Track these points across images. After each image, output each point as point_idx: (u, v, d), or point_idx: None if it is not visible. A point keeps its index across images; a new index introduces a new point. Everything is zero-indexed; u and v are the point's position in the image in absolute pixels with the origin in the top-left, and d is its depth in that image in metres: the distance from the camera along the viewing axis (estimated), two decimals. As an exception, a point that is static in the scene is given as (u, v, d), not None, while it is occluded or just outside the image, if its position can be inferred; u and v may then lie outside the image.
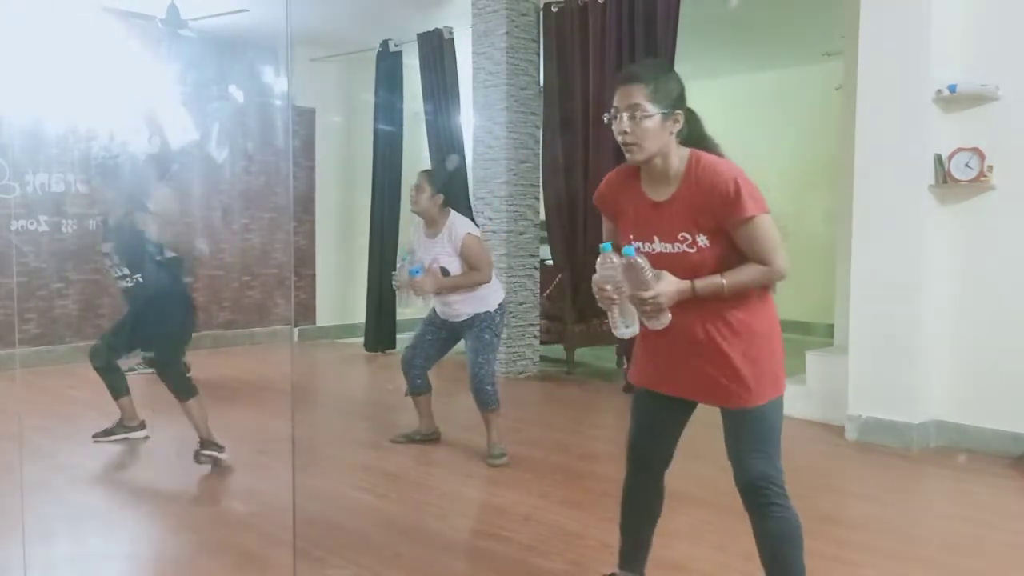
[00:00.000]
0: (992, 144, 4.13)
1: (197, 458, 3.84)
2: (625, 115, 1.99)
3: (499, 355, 6.21)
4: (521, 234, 6.30)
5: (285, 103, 7.86)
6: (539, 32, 6.33)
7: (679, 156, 2.05)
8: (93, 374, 4.14)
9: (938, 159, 4.23)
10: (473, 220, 6.44)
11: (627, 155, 2.04)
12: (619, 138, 2.02)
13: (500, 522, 3.26)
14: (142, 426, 4.31)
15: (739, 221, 1.96)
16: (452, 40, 6.90)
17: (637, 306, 1.99)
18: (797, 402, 4.91)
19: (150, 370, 5.87)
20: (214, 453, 3.85)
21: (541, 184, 6.39)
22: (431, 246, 4.00)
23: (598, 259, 2.00)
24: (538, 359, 6.40)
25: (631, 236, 2.11)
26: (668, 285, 1.96)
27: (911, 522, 3.32)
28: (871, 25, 4.36)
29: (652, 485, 2.34)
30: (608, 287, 1.98)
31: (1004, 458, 4.06)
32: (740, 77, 8.74)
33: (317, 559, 2.84)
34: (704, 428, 2.46)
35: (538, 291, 6.41)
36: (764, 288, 2.08)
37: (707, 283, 1.98)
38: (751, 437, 2.10)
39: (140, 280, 3.91)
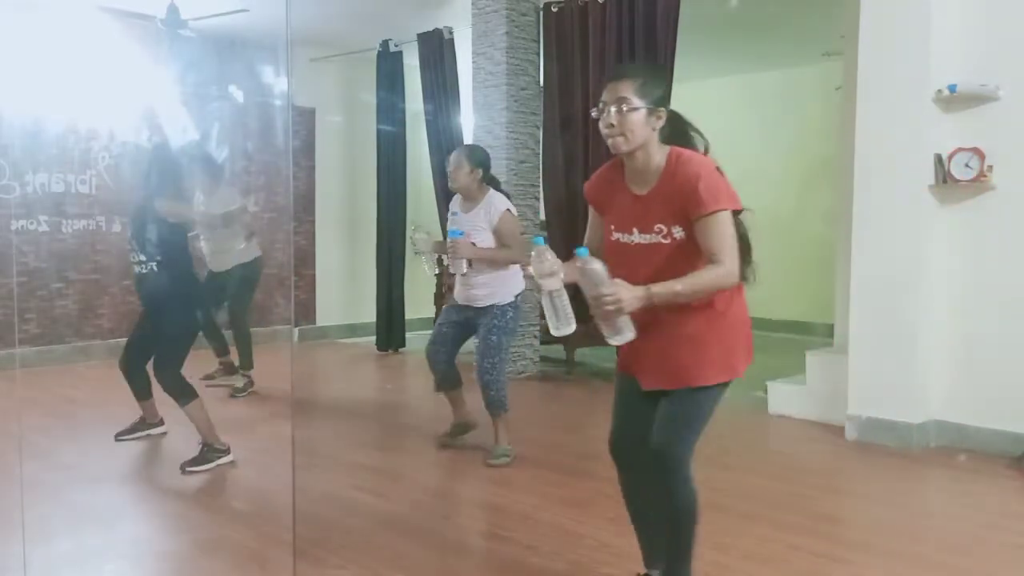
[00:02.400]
0: (992, 144, 4.13)
1: (193, 463, 3.81)
2: (612, 108, 2.12)
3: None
4: (521, 233, 6.28)
5: (285, 103, 7.86)
6: (539, 32, 6.33)
7: (660, 152, 2.17)
8: (93, 374, 4.15)
9: (938, 159, 4.23)
10: None
11: (612, 146, 2.16)
12: (605, 131, 2.14)
13: (500, 522, 3.26)
14: (161, 422, 4.36)
15: (697, 214, 2.08)
16: (452, 40, 6.90)
17: (596, 307, 2.02)
18: (797, 402, 4.91)
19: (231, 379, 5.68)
20: (216, 463, 3.84)
21: (541, 184, 6.39)
22: (464, 222, 3.98)
23: (532, 253, 2.07)
24: (538, 359, 6.41)
25: (612, 227, 2.24)
26: (626, 289, 2.01)
27: (911, 522, 3.32)
28: (871, 25, 4.36)
29: (642, 481, 2.37)
30: (544, 282, 2.08)
31: (1004, 458, 4.06)
32: (740, 77, 8.74)
33: (317, 559, 2.84)
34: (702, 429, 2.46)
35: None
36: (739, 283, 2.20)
37: (663, 289, 2.04)
38: (681, 414, 2.21)
39: (154, 269, 3.87)
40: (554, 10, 6.15)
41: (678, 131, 2.24)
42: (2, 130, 6.16)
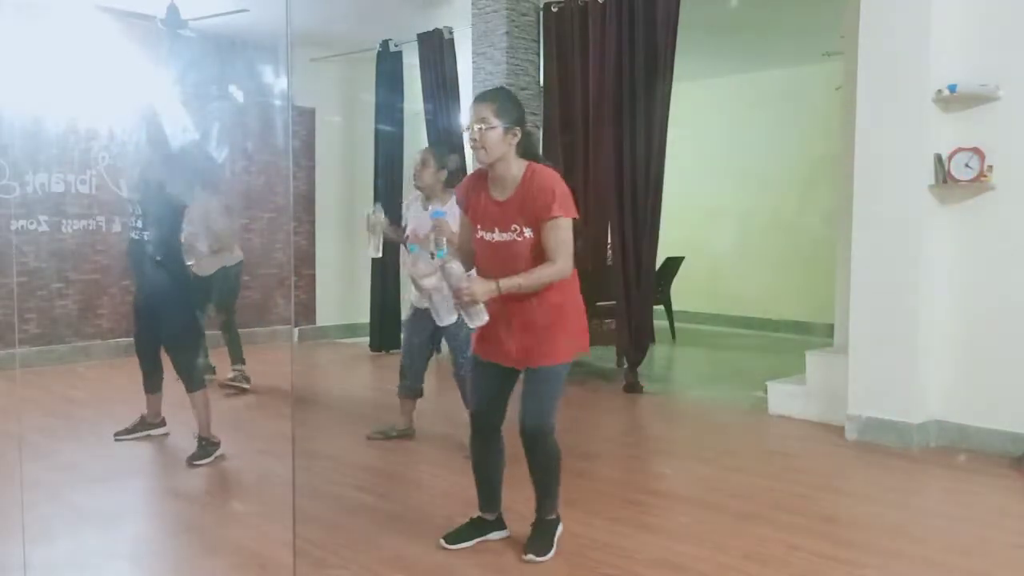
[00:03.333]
0: (992, 144, 4.13)
1: (195, 457, 3.85)
2: (476, 126, 2.59)
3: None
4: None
5: (285, 103, 7.86)
6: (539, 32, 6.33)
7: (518, 165, 2.64)
8: (93, 373, 4.16)
9: (938, 159, 4.23)
10: None
11: (476, 157, 2.63)
12: (470, 145, 2.61)
13: (500, 522, 3.25)
14: (162, 423, 4.33)
15: (545, 218, 2.57)
16: (452, 40, 6.90)
17: (457, 298, 2.55)
18: (797, 402, 4.91)
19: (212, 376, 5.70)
20: (209, 458, 3.89)
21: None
22: (427, 219, 3.93)
23: (408, 259, 2.65)
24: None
25: (478, 226, 2.69)
26: (479, 284, 2.54)
27: (911, 522, 3.32)
28: (871, 25, 4.36)
29: (495, 441, 2.93)
30: (424, 282, 2.79)
31: (1004, 458, 4.06)
32: (740, 77, 8.74)
33: (317, 559, 2.84)
34: (702, 430, 2.46)
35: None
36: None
37: (509, 282, 2.56)
38: (544, 391, 2.73)
39: (147, 237, 3.89)
40: (554, 10, 6.15)
41: (532, 149, 2.70)
42: (2, 130, 6.15)
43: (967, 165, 4.16)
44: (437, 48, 6.96)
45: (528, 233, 2.60)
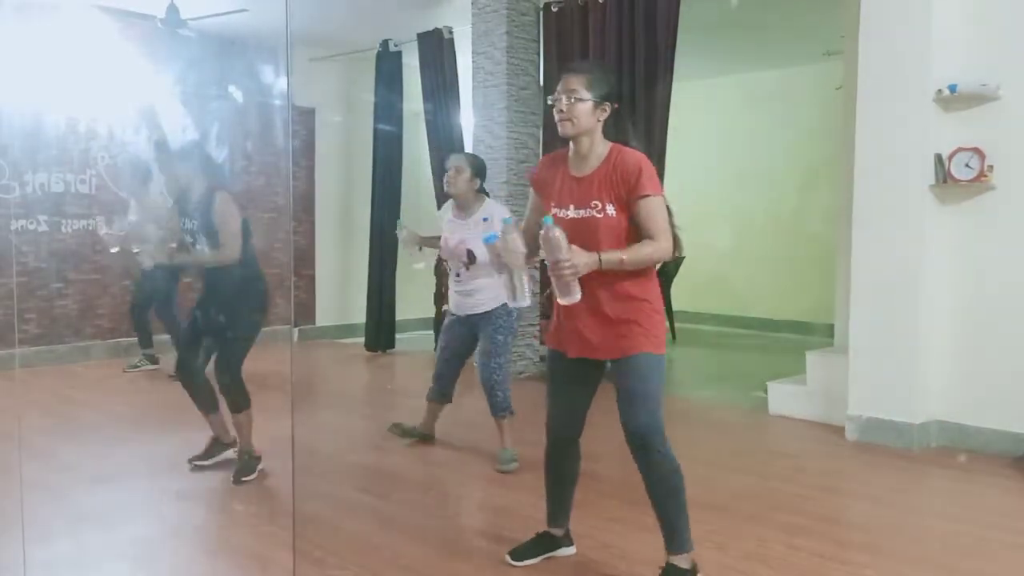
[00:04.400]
0: (992, 144, 4.13)
1: (241, 473, 3.70)
2: (564, 97, 2.47)
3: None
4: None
5: (285, 103, 7.86)
6: (539, 32, 6.33)
7: (603, 144, 2.52)
8: (93, 374, 4.14)
9: (938, 159, 4.23)
10: None
11: (560, 129, 2.49)
12: (556, 116, 2.49)
13: (500, 522, 3.26)
14: (234, 442, 3.92)
15: (638, 195, 2.41)
16: (452, 40, 6.90)
17: (553, 272, 2.34)
18: (797, 402, 4.91)
19: (153, 366, 6.05)
20: (258, 468, 3.77)
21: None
22: (460, 228, 3.94)
23: (501, 231, 2.40)
24: (538, 359, 6.40)
25: (552, 203, 2.55)
26: (580, 255, 2.33)
27: (911, 522, 3.32)
28: (871, 25, 4.36)
29: (572, 452, 2.77)
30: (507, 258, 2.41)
31: (1004, 458, 4.06)
32: (740, 77, 8.74)
33: (317, 559, 2.84)
34: (702, 431, 2.46)
35: (538, 291, 6.41)
36: (652, 267, 2.51)
37: (610, 256, 2.37)
38: (640, 388, 2.48)
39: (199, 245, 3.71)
40: (554, 10, 6.14)
41: (620, 128, 2.55)
42: (2, 130, 6.15)
43: (967, 165, 4.16)
44: (437, 48, 6.96)
45: (611, 210, 2.43)
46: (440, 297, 7.41)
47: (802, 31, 6.93)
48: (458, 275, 3.98)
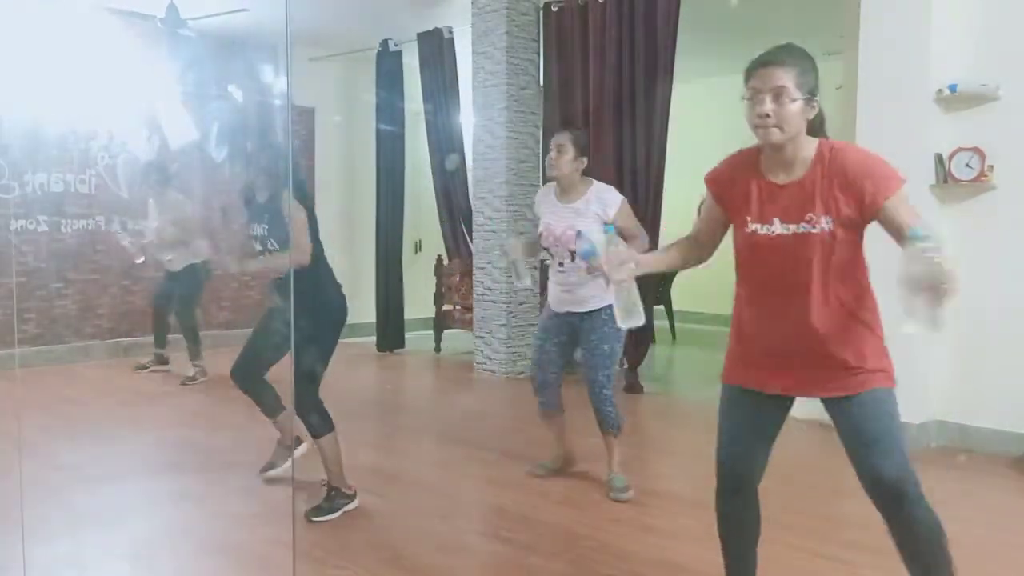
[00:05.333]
0: (992, 144, 4.13)
1: (318, 512, 3.24)
2: (768, 96, 1.99)
3: (501, 355, 6.23)
4: (521, 234, 6.29)
5: (284, 102, 7.85)
6: (539, 31, 6.33)
7: (809, 143, 2.05)
8: (92, 373, 4.12)
9: (938, 159, 4.23)
10: (468, 220, 6.44)
11: (762, 136, 2.02)
12: (756, 121, 2.01)
13: (500, 522, 3.26)
14: (299, 441, 3.72)
15: (886, 195, 1.95)
16: (452, 39, 6.90)
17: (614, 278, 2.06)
18: (798, 402, 4.90)
19: (164, 367, 6.01)
20: (343, 510, 3.27)
21: (541, 184, 6.39)
22: (565, 214, 3.52)
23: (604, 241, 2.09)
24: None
25: (748, 218, 2.08)
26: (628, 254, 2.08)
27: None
28: (871, 25, 4.36)
29: (749, 502, 2.27)
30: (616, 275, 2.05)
31: (1004, 458, 4.06)
32: (740, 77, 8.72)
33: (317, 559, 2.83)
34: (702, 431, 2.46)
35: (538, 291, 6.41)
36: (866, 277, 2.10)
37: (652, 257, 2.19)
38: (880, 427, 2.09)
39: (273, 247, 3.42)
40: (554, 9, 6.14)
41: (821, 121, 2.14)
42: (2, 130, 6.15)
43: (968, 165, 4.16)
44: (437, 47, 6.96)
45: (827, 224, 1.98)
46: (439, 297, 7.41)
47: (802, 31, 6.90)
48: (561, 264, 3.54)
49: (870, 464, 2.03)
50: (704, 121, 8.84)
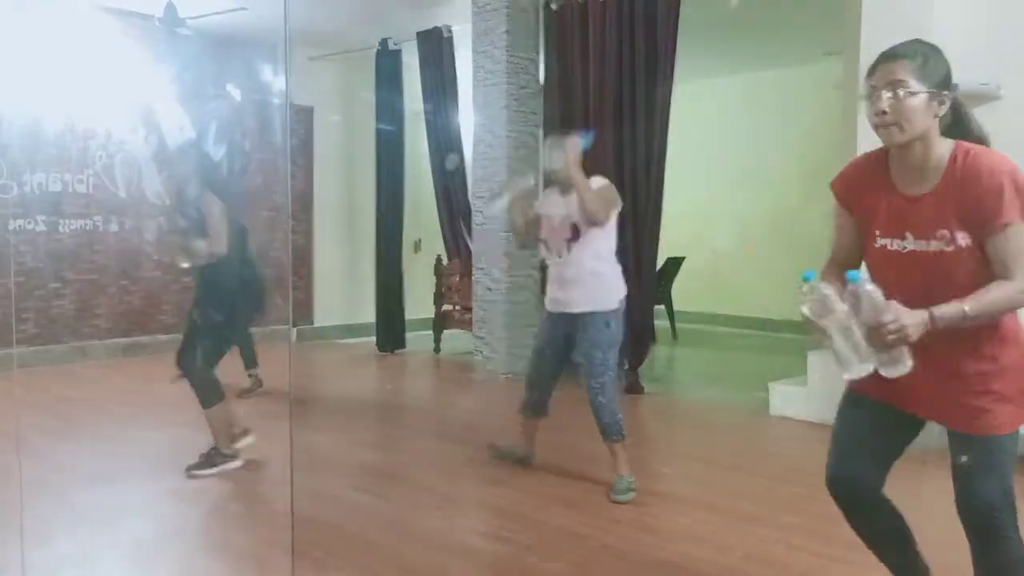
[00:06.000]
0: (993, 144, 4.11)
1: (198, 466, 3.72)
2: (885, 92, 1.80)
3: (500, 355, 6.23)
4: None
5: (283, 101, 7.85)
6: (539, 31, 6.32)
7: (942, 145, 1.86)
8: (90, 373, 4.12)
9: (939, 159, 4.22)
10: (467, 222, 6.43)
11: (883, 137, 1.85)
12: (874, 119, 1.83)
13: (500, 522, 3.25)
14: (245, 433, 3.97)
15: (995, 223, 1.76)
16: (451, 39, 6.89)
17: (876, 338, 1.78)
18: (798, 403, 4.90)
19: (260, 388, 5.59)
20: (222, 466, 3.74)
21: (541, 184, 6.37)
22: (565, 203, 3.54)
23: (804, 289, 1.87)
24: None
25: (877, 232, 1.92)
26: (909, 316, 1.74)
27: (911, 522, 3.31)
28: (871, 25, 4.36)
29: (878, 510, 2.17)
30: (825, 321, 1.85)
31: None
32: (740, 77, 8.74)
33: (316, 559, 2.83)
34: (702, 431, 2.45)
35: (538, 291, 6.40)
36: (1015, 315, 1.88)
37: (948, 311, 1.74)
38: (986, 462, 2.01)
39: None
40: (554, 8, 6.13)
41: (963, 127, 1.95)
42: (0, 129, 6.14)
43: (968, 165, 4.15)
44: (436, 47, 6.95)
45: (963, 241, 1.79)
46: (439, 297, 7.40)
47: (802, 31, 6.92)
48: (559, 256, 3.56)
49: (967, 489, 2.04)
50: (704, 121, 8.85)
